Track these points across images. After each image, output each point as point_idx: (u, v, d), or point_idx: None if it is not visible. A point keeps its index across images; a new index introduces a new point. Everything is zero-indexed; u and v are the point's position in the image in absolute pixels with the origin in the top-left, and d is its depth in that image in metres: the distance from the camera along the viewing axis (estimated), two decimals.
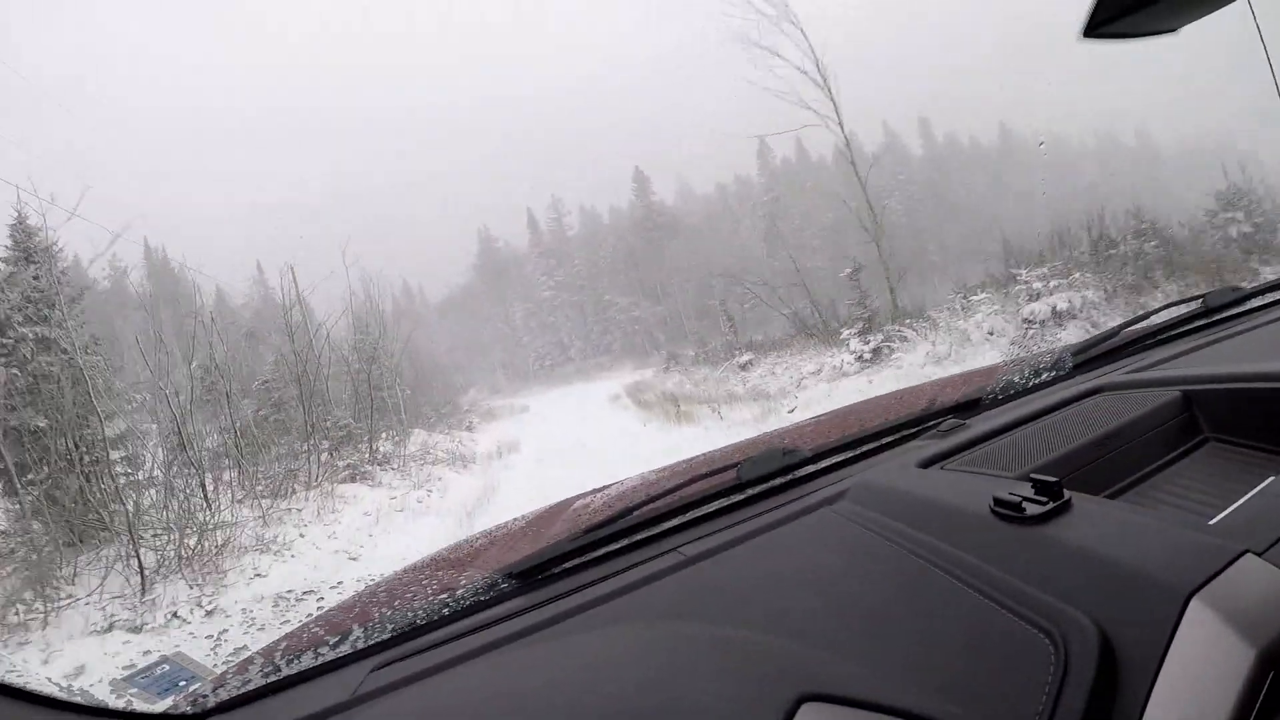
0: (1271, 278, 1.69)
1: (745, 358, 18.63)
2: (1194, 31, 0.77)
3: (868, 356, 12.93)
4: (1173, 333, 1.39)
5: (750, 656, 0.62)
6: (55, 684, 0.73)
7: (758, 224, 51.67)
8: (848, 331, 13.71)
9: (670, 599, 0.80)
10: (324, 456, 10.57)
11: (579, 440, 12.82)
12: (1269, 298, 1.44)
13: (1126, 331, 1.40)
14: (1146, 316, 1.45)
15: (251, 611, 5.94)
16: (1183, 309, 1.44)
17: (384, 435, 13.10)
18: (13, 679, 0.64)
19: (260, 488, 9.00)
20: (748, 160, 51.91)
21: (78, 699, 0.69)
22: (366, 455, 11.61)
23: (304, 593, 6.24)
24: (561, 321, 55.12)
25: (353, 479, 10.34)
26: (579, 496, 1.48)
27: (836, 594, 0.71)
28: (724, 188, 57.01)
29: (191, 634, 5.54)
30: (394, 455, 12.39)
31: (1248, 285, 1.49)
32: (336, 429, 11.21)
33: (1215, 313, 1.41)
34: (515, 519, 1.47)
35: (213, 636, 5.53)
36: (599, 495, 1.39)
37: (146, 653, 5.03)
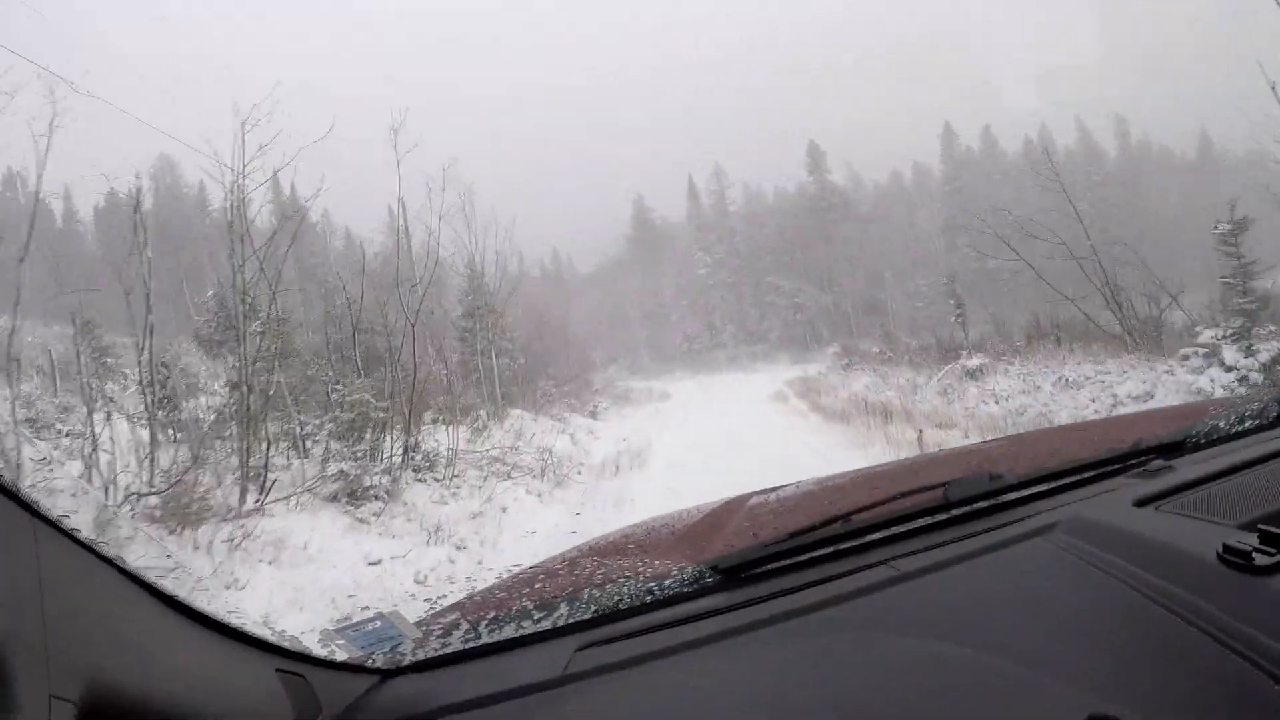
0: None
1: (975, 361, 14.38)
2: None
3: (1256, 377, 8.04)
4: None
5: (1012, 682, 0.62)
6: (269, 628, 0.79)
7: (937, 214, 47.79)
8: (1209, 333, 9.13)
9: (883, 612, 0.80)
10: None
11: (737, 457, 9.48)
12: None
13: None
14: None
15: None
16: None
17: (448, 421, 9.84)
18: (231, 618, 0.68)
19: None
20: (928, 145, 48.62)
21: (286, 643, 0.73)
22: (389, 454, 7.99)
23: None
24: (715, 302, 51.53)
25: (336, 499, 6.72)
26: (754, 494, 1.47)
27: (1058, 624, 0.71)
28: (899, 175, 53.14)
29: None
30: (444, 456, 8.78)
31: None
32: (344, 405, 7.69)
33: None
34: (690, 510, 1.45)
35: (431, 600, 5.09)
36: (775, 495, 1.37)
37: (364, 607, 4.89)
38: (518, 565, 5.71)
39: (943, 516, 1.06)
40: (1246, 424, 1.30)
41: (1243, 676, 0.57)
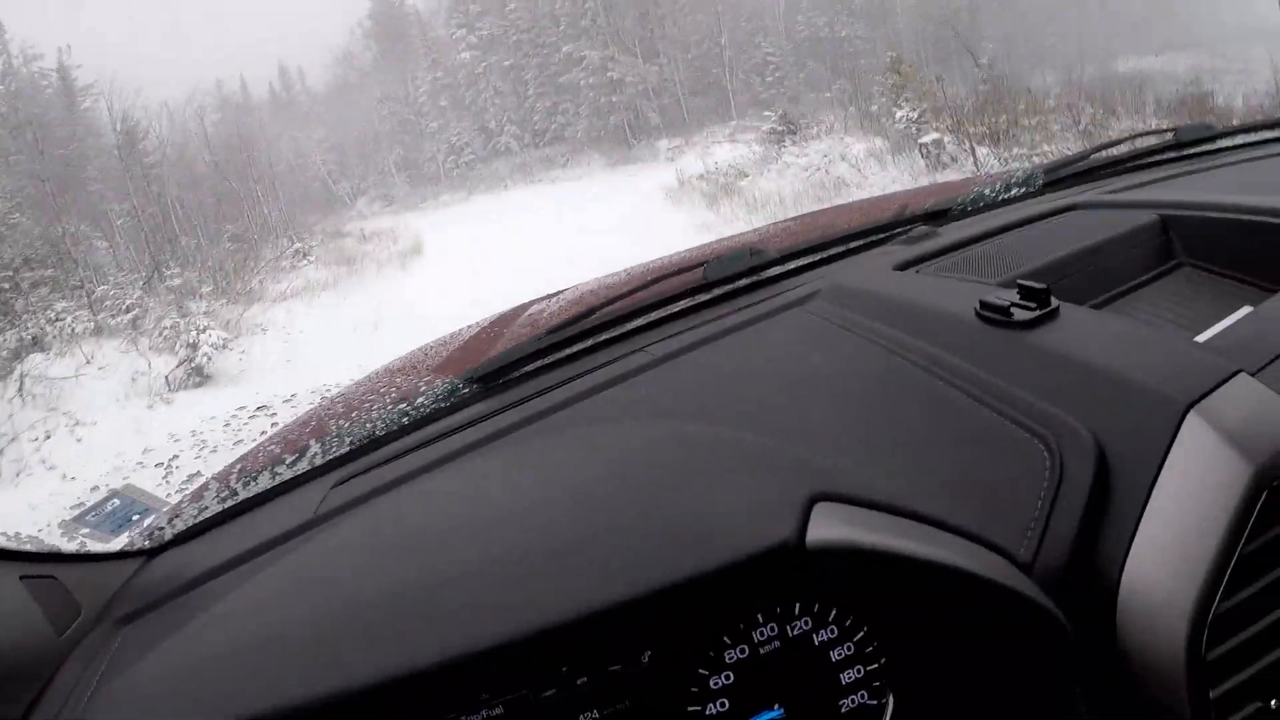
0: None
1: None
2: None
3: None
4: (1143, 161, 1.48)
5: (748, 455, 0.66)
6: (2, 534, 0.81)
7: None
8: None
9: (642, 399, 0.87)
10: None
11: None
12: (1239, 139, 1.52)
13: (1096, 156, 1.48)
14: (1117, 143, 1.54)
15: None
16: (1153, 140, 1.52)
17: None
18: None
19: None
20: None
21: (28, 547, 0.72)
22: None
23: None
24: (489, 97, 41.34)
25: None
26: (535, 301, 1.55)
27: (821, 394, 0.77)
28: None
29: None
30: None
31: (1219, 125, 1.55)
32: None
33: (1187, 146, 1.47)
34: (469, 326, 1.55)
35: (163, 464, 5.87)
36: (556, 300, 1.46)
37: (94, 488, 5.45)
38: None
39: (704, 298, 1.13)
40: (1012, 191, 1.38)
41: (1003, 433, 0.62)
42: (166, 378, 8.31)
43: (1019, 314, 0.70)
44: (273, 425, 6.27)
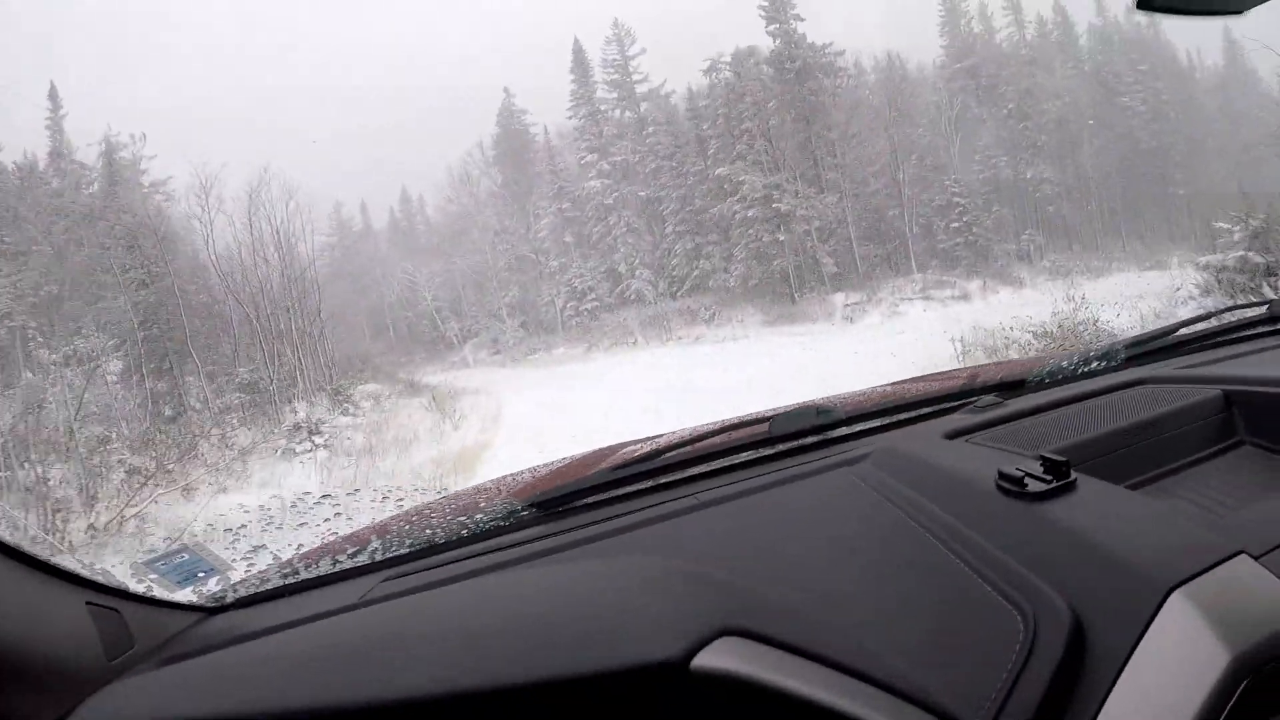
0: None
1: None
2: None
3: None
4: (1230, 336, 1.56)
5: (700, 590, 0.74)
6: (79, 561, 0.93)
7: (951, 104, 33.22)
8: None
9: (672, 538, 0.97)
10: None
11: None
12: None
13: (1184, 331, 1.57)
14: (1208, 316, 1.60)
15: None
16: (1248, 313, 1.59)
17: None
18: (39, 551, 0.77)
19: None
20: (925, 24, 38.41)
21: (98, 578, 0.81)
22: None
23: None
24: (620, 234, 35.10)
25: None
26: (626, 443, 1.63)
27: (827, 550, 0.86)
28: (896, 54, 37.22)
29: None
30: None
31: None
32: None
33: (1278, 320, 1.56)
34: (562, 459, 1.64)
35: (231, 530, 6.91)
36: (646, 444, 1.51)
37: (166, 539, 6.61)
38: None
39: (767, 452, 1.21)
40: (1091, 365, 1.43)
41: (986, 601, 0.66)
42: None
43: (1033, 485, 0.75)
44: (335, 514, 7.11)
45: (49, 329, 20.11)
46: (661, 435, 1.55)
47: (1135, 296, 13.66)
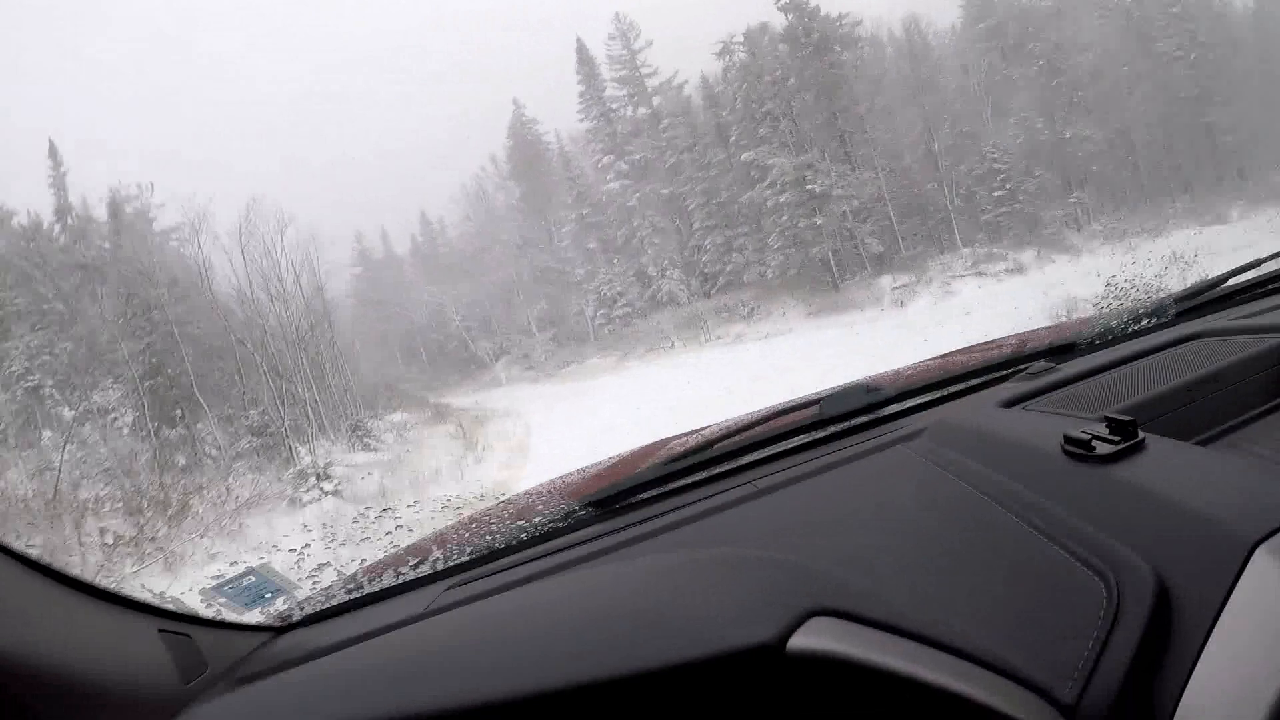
0: None
1: None
2: None
3: None
4: None
5: (779, 574, 0.73)
6: (148, 591, 0.99)
7: (975, 68, 31.57)
8: None
9: (734, 528, 0.98)
10: None
11: None
12: None
13: (1234, 281, 1.53)
14: (1257, 264, 1.55)
15: None
16: None
17: None
18: (109, 584, 0.81)
19: None
20: None
21: (169, 605, 0.85)
22: None
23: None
24: (645, 236, 33.63)
25: None
26: (674, 436, 1.63)
27: (894, 528, 0.86)
28: (914, 19, 35.18)
29: None
30: None
31: None
32: None
33: None
34: (610, 457, 1.68)
35: (295, 550, 7.05)
36: (694, 435, 1.51)
37: (233, 563, 6.34)
38: None
39: (820, 435, 1.22)
40: (1142, 323, 1.42)
41: (1065, 569, 0.65)
42: None
43: (1101, 448, 0.73)
44: (397, 527, 7.31)
45: (66, 384, 20.22)
46: (709, 426, 1.55)
47: (1230, 249, 13.29)
